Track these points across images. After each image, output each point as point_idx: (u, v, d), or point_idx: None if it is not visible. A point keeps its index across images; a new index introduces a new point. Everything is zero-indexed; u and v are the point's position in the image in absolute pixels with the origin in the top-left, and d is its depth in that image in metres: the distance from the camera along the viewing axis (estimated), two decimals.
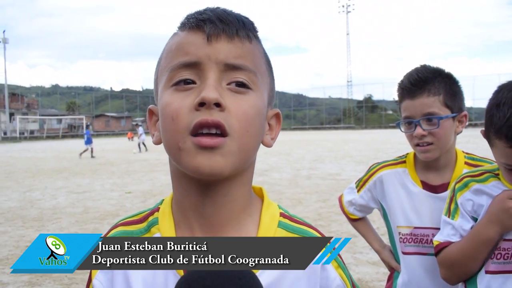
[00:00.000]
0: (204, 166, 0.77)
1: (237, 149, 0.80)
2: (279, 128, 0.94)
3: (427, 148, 1.76)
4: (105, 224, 7.55)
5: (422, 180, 1.87)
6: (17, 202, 9.94)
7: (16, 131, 52.55)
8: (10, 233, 7.10)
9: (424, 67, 1.83)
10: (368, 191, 2.03)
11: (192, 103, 0.79)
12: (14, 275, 5.14)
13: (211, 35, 0.81)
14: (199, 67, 0.81)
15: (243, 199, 0.88)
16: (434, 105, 1.74)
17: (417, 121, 1.75)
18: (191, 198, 0.86)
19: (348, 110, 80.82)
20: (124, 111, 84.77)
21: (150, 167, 16.75)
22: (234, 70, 0.82)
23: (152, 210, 0.96)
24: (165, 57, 0.88)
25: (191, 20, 0.85)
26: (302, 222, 0.93)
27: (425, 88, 1.75)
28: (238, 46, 0.83)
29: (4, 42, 54.38)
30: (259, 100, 0.84)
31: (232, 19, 0.84)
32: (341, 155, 19.18)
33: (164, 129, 0.83)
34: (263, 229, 0.88)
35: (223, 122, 0.77)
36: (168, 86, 0.83)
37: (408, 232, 1.87)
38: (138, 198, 10.12)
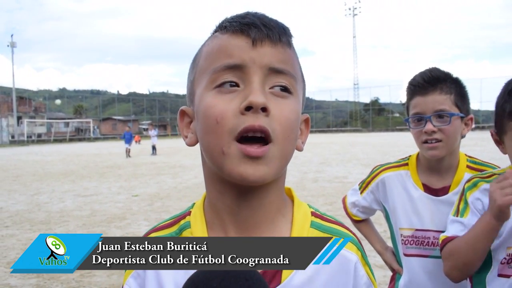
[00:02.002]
0: (248, 175, 0.78)
1: (279, 154, 0.81)
2: (307, 132, 0.95)
3: (435, 145, 1.77)
4: (112, 227, 7.57)
5: (423, 183, 1.88)
6: (24, 205, 9.98)
7: (23, 135, 52.82)
8: (17, 236, 7.13)
9: (435, 68, 1.85)
10: (371, 193, 2.05)
11: (237, 106, 0.79)
12: (22, 278, 5.16)
13: (256, 39, 0.82)
14: (243, 70, 0.81)
15: (277, 201, 0.90)
16: (446, 103, 1.76)
17: (428, 117, 1.76)
18: (226, 200, 0.87)
19: (355, 113, 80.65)
20: (131, 114, 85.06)
21: (157, 170, 16.78)
22: (277, 75, 0.83)
23: (183, 214, 0.96)
24: (204, 58, 0.87)
25: (234, 24, 0.85)
26: (334, 221, 0.94)
27: (437, 86, 1.77)
28: (280, 51, 0.84)
29: (12, 46, 54.59)
30: (298, 105, 0.86)
31: (274, 24, 0.85)
32: (348, 158, 19.14)
33: (205, 131, 0.83)
34: (296, 229, 0.89)
35: (268, 128, 0.78)
36: (211, 88, 0.83)
37: (410, 234, 1.88)
38: (145, 201, 10.13)
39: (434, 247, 1.82)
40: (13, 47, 54.66)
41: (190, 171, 16.08)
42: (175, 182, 13.28)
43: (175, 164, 19.11)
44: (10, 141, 48.88)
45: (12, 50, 54.56)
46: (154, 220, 7.99)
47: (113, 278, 5.08)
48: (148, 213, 8.77)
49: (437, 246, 1.81)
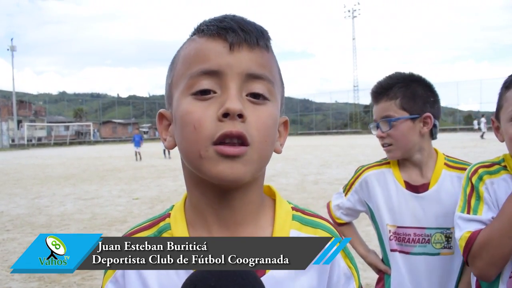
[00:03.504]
0: (226, 174, 0.79)
1: (257, 157, 0.82)
2: (286, 135, 0.96)
3: (388, 148, 1.91)
4: (113, 230, 7.56)
5: (405, 180, 1.93)
6: (25, 209, 9.98)
7: (24, 138, 52.77)
8: (19, 240, 7.13)
9: (393, 74, 1.96)
10: (355, 193, 2.08)
11: (215, 113, 0.80)
12: (23, 282, 5.16)
13: (233, 44, 0.82)
14: (220, 76, 0.81)
15: (257, 200, 0.91)
16: (390, 108, 1.87)
17: (377, 124, 1.91)
18: (208, 201, 0.88)
19: (354, 114, 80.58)
20: (131, 117, 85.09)
21: (158, 173, 16.77)
22: (255, 80, 0.83)
23: (162, 216, 0.96)
24: (182, 62, 0.88)
25: (212, 28, 0.85)
26: (314, 215, 0.97)
27: (385, 93, 1.89)
28: (258, 56, 0.84)
29: (12, 49, 54.58)
30: (275, 110, 0.87)
31: (252, 28, 0.85)
32: (348, 160, 19.13)
33: (183, 137, 0.83)
34: (278, 224, 0.91)
35: (245, 133, 0.79)
36: (187, 94, 0.83)
37: (394, 230, 1.92)
38: (145, 204, 10.13)
39: (415, 244, 1.86)
40: (13, 50, 54.65)
41: None
42: (175, 185, 13.27)
43: (175, 167, 19.09)
44: (11, 144, 48.86)
45: (12, 53, 54.56)
46: None
47: None
48: (148, 216, 8.71)
49: (417, 243, 1.85)
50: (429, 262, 1.84)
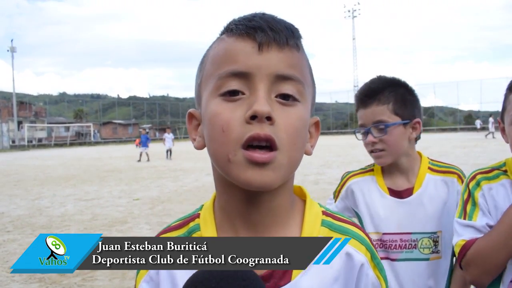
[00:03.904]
0: (255, 181, 0.78)
1: (286, 162, 0.80)
2: (318, 135, 0.95)
3: (379, 154, 1.85)
4: (114, 231, 7.57)
5: (388, 187, 1.91)
6: (26, 210, 9.98)
7: (24, 139, 52.73)
8: (19, 241, 7.13)
9: (378, 78, 1.93)
10: (342, 201, 2.07)
11: (243, 115, 0.78)
12: (24, 283, 5.16)
13: (262, 43, 0.81)
14: (248, 77, 0.80)
15: (286, 203, 0.89)
16: (383, 113, 1.83)
17: (368, 129, 1.86)
18: (237, 204, 0.87)
19: (355, 115, 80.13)
20: (131, 118, 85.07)
21: (158, 174, 16.77)
22: (284, 81, 0.82)
23: (192, 216, 0.95)
24: (210, 62, 0.87)
25: (240, 27, 0.83)
26: (345, 220, 0.94)
27: (375, 97, 1.84)
28: (288, 56, 0.83)
29: (12, 51, 54.57)
30: (305, 112, 0.85)
31: (282, 27, 0.83)
32: (348, 160, 19.13)
33: (212, 139, 0.82)
34: (307, 229, 0.89)
35: (274, 136, 0.78)
36: (216, 95, 0.82)
37: (377, 238, 1.89)
38: (146, 204, 10.13)
39: (401, 250, 1.84)
40: (13, 52, 54.65)
41: (190, 175, 16.08)
42: (176, 186, 13.27)
43: (176, 168, 19.09)
44: (11, 146, 48.86)
45: (12, 55, 54.57)
46: (156, 224, 8.00)
47: (115, 282, 5.08)
48: (149, 216, 8.77)
49: (404, 249, 1.83)
50: (416, 268, 1.82)
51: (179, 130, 68.92)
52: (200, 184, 13.41)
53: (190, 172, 17.09)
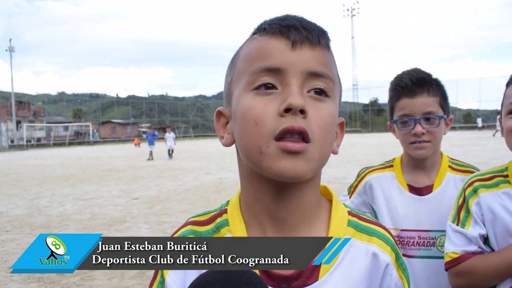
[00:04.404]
0: (287, 170, 0.79)
1: (317, 155, 0.81)
2: (342, 136, 0.96)
3: (423, 145, 1.81)
4: (112, 230, 7.57)
5: (408, 183, 1.90)
6: (24, 210, 9.98)
7: (23, 139, 52.69)
8: (18, 241, 7.13)
9: (419, 70, 1.88)
10: (359, 196, 2.06)
11: (276, 108, 0.79)
12: (22, 283, 5.16)
13: (296, 41, 0.82)
14: (281, 73, 0.81)
15: (314, 201, 0.90)
16: (433, 105, 1.80)
17: (418, 119, 1.80)
18: (264, 200, 0.87)
19: (354, 113, 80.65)
20: (130, 117, 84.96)
21: (157, 173, 16.77)
22: (316, 78, 0.83)
23: (219, 212, 0.96)
24: (243, 60, 0.88)
25: (274, 26, 0.85)
26: (371, 221, 0.95)
27: (424, 88, 1.81)
28: (320, 54, 0.84)
29: (10, 50, 54.58)
30: (335, 109, 0.86)
31: (314, 27, 0.85)
32: (347, 159, 19.13)
33: (244, 133, 0.83)
34: (333, 228, 0.89)
35: (307, 129, 0.79)
36: (249, 90, 0.83)
37: (395, 235, 1.89)
38: (145, 204, 10.13)
39: (419, 247, 1.83)
40: (11, 51, 54.66)
41: (189, 174, 16.08)
42: (175, 185, 13.27)
43: (174, 167, 19.10)
44: (10, 145, 48.83)
45: (11, 54, 54.58)
46: (155, 223, 8.00)
47: (114, 281, 5.08)
48: (148, 216, 8.77)
49: (422, 246, 1.82)
50: (433, 266, 1.81)
51: (178, 129, 68.92)
52: (199, 183, 13.42)
53: (189, 171, 17.09)
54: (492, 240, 1.47)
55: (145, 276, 5.11)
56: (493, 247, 1.47)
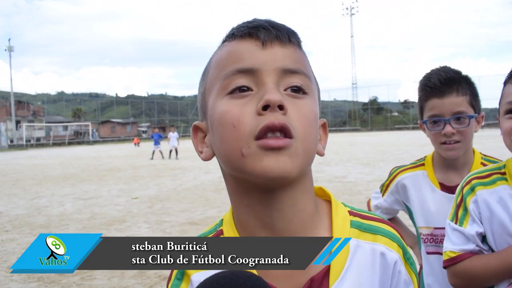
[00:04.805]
0: (272, 167, 0.75)
1: (302, 150, 0.78)
2: (326, 138, 0.93)
3: (454, 146, 1.80)
4: (112, 230, 7.57)
5: (440, 181, 1.90)
6: (24, 209, 9.97)
7: (22, 139, 52.68)
8: (18, 240, 7.13)
9: (448, 68, 1.86)
10: (391, 195, 2.09)
11: (253, 108, 0.77)
12: (22, 282, 5.16)
13: (265, 40, 0.81)
14: (255, 73, 0.79)
15: (310, 207, 0.86)
16: (463, 104, 1.78)
17: (447, 119, 1.78)
18: (258, 214, 0.83)
19: (353, 112, 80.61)
20: (130, 117, 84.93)
21: (157, 173, 16.77)
22: (291, 75, 0.81)
23: (215, 233, 0.92)
24: (214, 67, 0.86)
25: (242, 29, 0.84)
26: (372, 217, 0.92)
27: (454, 87, 1.78)
28: (291, 51, 0.83)
29: (9, 50, 54.59)
30: (315, 105, 0.84)
31: (283, 26, 0.84)
32: (347, 158, 19.14)
33: (222, 138, 0.80)
34: (336, 232, 0.86)
35: (288, 125, 0.76)
36: (223, 95, 0.81)
37: (428, 233, 1.91)
38: (144, 203, 10.13)
39: None
40: (10, 51, 54.69)
41: (189, 173, 16.08)
42: (174, 184, 13.27)
43: (174, 166, 19.10)
44: (9, 145, 48.79)
45: (10, 54, 54.61)
46: (154, 223, 8.00)
47: (113, 281, 5.08)
48: (148, 215, 8.77)
49: None
50: None
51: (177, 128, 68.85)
52: (199, 182, 13.41)
53: (188, 170, 17.09)
54: (490, 238, 1.47)
55: (145, 276, 5.11)
56: (491, 245, 1.47)
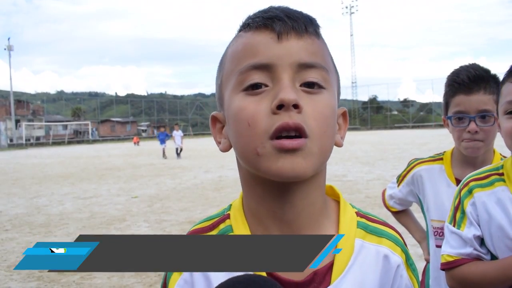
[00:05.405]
0: (286, 169, 0.75)
1: (317, 150, 0.77)
2: (346, 127, 0.92)
3: (476, 144, 1.80)
4: (112, 229, 7.57)
5: (457, 177, 1.91)
6: (24, 209, 9.98)
7: (22, 138, 52.70)
8: (17, 240, 7.13)
9: (477, 66, 1.86)
10: (407, 185, 2.12)
11: (268, 106, 0.76)
12: (22, 281, 5.17)
13: (281, 32, 0.79)
14: (270, 68, 0.78)
15: (320, 202, 0.87)
16: (489, 103, 1.77)
17: (473, 117, 1.78)
18: (269, 205, 0.83)
19: (353, 111, 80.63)
20: (129, 116, 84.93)
21: (156, 172, 16.77)
22: (307, 69, 0.79)
23: (222, 217, 0.92)
24: (230, 60, 0.84)
25: (257, 20, 0.82)
26: (378, 221, 0.92)
27: (481, 85, 1.78)
28: (308, 43, 0.80)
29: (9, 49, 54.57)
30: (333, 99, 0.82)
31: (299, 15, 0.82)
32: (347, 157, 19.13)
33: (238, 135, 0.80)
34: (343, 231, 0.86)
35: (303, 124, 0.75)
36: (239, 90, 0.80)
37: (440, 226, 1.92)
38: (144, 202, 10.14)
39: None
40: (10, 50, 54.66)
41: (189, 172, 16.08)
42: (174, 183, 13.28)
43: (174, 165, 19.10)
44: (9, 144, 48.78)
45: (9, 53, 54.60)
46: (154, 222, 8.01)
47: (113, 280, 5.08)
48: (147, 214, 8.78)
49: None
50: None
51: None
52: (198, 181, 13.42)
53: (188, 169, 17.09)
54: (488, 241, 1.45)
55: (145, 275, 5.11)
56: (489, 248, 1.46)
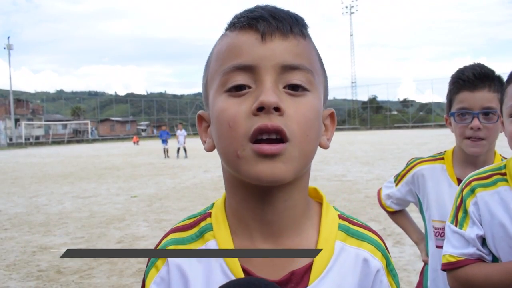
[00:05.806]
0: (265, 174, 0.74)
1: (298, 154, 0.76)
2: (334, 128, 0.90)
3: (478, 142, 1.79)
4: (111, 228, 7.56)
5: (458, 177, 1.90)
6: (23, 208, 9.97)
7: (21, 137, 52.65)
8: (17, 239, 7.12)
9: (482, 64, 1.86)
10: (406, 185, 2.09)
11: (249, 108, 0.75)
12: (21, 281, 5.16)
13: (265, 33, 0.78)
14: (253, 70, 0.77)
15: (302, 204, 0.86)
16: (493, 100, 1.76)
17: (476, 113, 1.77)
18: (250, 205, 0.83)
19: (352, 111, 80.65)
20: (129, 115, 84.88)
21: (156, 171, 16.77)
22: (291, 71, 0.78)
23: (203, 215, 0.92)
24: (215, 59, 0.84)
25: (242, 19, 0.81)
26: (360, 225, 0.91)
27: (486, 83, 1.78)
28: (293, 44, 0.79)
29: (8, 48, 54.52)
30: (317, 101, 0.81)
31: (285, 15, 0.80)
32: (346, 156, 19.14)
33: (220, 137, 0.79)
34: (323, 234, 0.86)
35: (283, 127, 0.74)
36: (222, 91, 0.79)
37: (441, 227, 1.90)
38: (144, 202, 10.14)
39: None
40: (9, 49, 54.62)
41: (188, 172, 16.08)
42: (173, 183, 13.28)
43: (173, 165, 19.10)
44: (8, 143, 48.75)
45: (9, 52, 54.55)
46: (153, 221, 8.00)
47: (112, 280, 5.08)
48: (147, 213, 8.77)
49: None
50: None
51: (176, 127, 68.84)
52: (198, 181, 13.42)
53: (187, 169, 17.09)
54: (489, 242, 1.44)
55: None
56: (490, 249, 1.45)
